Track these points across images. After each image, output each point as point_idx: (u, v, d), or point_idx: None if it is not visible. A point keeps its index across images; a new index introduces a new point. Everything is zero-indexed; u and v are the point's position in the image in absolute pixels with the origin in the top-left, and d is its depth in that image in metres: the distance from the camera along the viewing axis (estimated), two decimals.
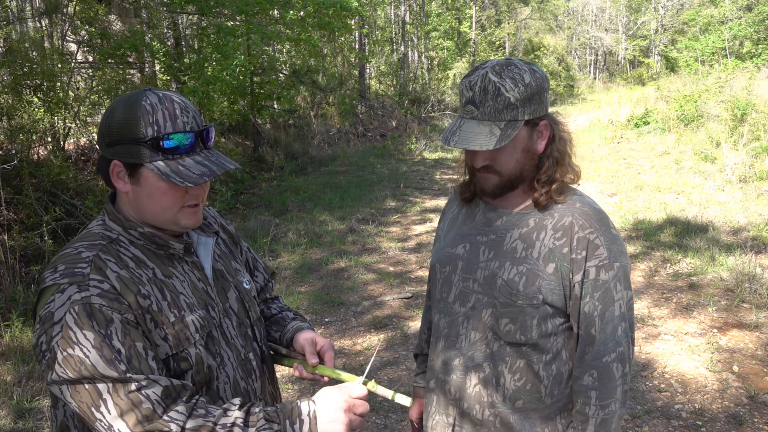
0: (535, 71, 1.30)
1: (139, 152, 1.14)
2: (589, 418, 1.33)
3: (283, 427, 1.10)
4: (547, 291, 1.32)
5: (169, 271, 1.22)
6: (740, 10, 24.40)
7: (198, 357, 1.18)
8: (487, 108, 1.27)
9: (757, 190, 7.86)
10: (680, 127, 12.56)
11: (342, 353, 4.16)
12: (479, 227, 1.44)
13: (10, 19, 8.34)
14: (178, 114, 1.15)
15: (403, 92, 19.01)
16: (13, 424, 3.30)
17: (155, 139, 1.13)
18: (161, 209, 1.19)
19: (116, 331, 1.07)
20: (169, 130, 1.14)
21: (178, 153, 1.16)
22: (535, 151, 1.35)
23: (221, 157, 1.22)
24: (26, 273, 5.17)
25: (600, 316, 1.31)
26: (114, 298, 1.09)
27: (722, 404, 3.38)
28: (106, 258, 1.14)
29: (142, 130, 1.13)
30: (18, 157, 6.33)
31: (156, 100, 1.15)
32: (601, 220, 1.34)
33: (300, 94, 14.53)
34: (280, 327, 1.49)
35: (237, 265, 1.42)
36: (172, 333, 1.15)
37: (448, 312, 1.45)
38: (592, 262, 1.30)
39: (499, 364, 1.37)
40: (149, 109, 1.13)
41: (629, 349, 1.34)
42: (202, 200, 1.24)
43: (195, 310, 1.21)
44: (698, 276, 5.24)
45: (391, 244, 6.63)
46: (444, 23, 24.21)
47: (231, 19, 9.38)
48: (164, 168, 1.14)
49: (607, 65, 44.39)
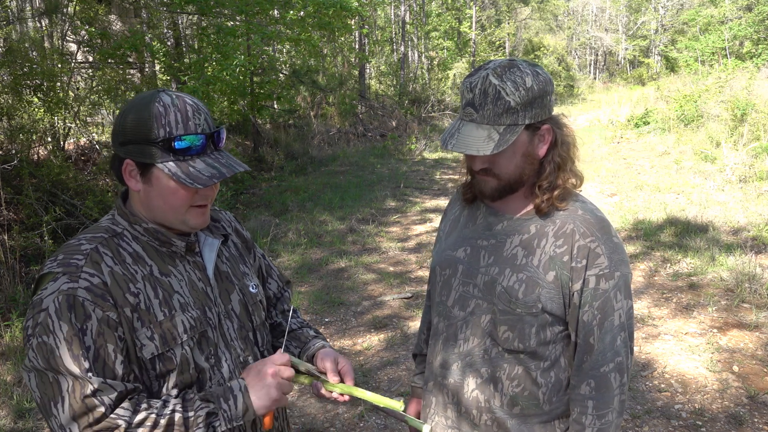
0: (538, 74, 1.26)
1: (151, 152, 1.16)
2: (586, 427, 1.32)
3: (218, 404, 1.16)
4: (546, 299, 1.30)
5: (168, 270, 1.23)
6: (740, 10, 24.40)
7: (183, 358, 1.19)
8: (487, 111, 1.24)
9: (757, 190, 7.86)
10: (680, 127, 12.56)
11: (342, 353, 4.16)
12: (480, 231, 1.42)
13: (10, 19, 8.34)
14: (190, 116, 1.17)
15: (403, 92, 19.01)
16: (13, 424, 3.30)
17: (167, 140, 1.15)
18: (170, 208, 1.21)
19: (92, 328, 1.10)
20: (180, 131, 1.16)
21: (188, 154, 1.18)
22: (536, 155, 1.31)
23: (231, 159, 1.23)
24: (26, 273, 5.17)
25: (599, 325, 1.29)
26: (100, 294, 1.12)
27: (722, 404, 3.38)
28: (104, 251, 1.17)
29: (154, 131, 1.15)
30: (18, 157, 6.33)
31: (169, 101, 1.17)
32: (602, 228, 1.32)
33: (300, 94, 14.54)
34: (300, 343, 1.48)
35: (246, 269, 1.42)
36: (159, 332, 1.17)
37: (447, 315, 1.44)
38: (592, 271, 1.28)
39: (497, 370, 1.36)
40: (162, 111, 1.15)
41: (628, 360, 1.32)
42: (210, 201, 1.26)
43: (188, 310, 1.22)
44: (698, 276, 5.24)
45: (391, 244, 6.63)
46: (444, 23, 24.20)
47: (231, 19, 9.38)
48: (175, 169, 1.16)
49: (607, 65, 44.39)
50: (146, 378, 1.18)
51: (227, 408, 1.17)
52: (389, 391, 3.64)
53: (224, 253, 1.38)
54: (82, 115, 7.92)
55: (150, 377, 1.18)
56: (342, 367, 1.37)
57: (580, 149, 1.42)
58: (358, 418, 3.38)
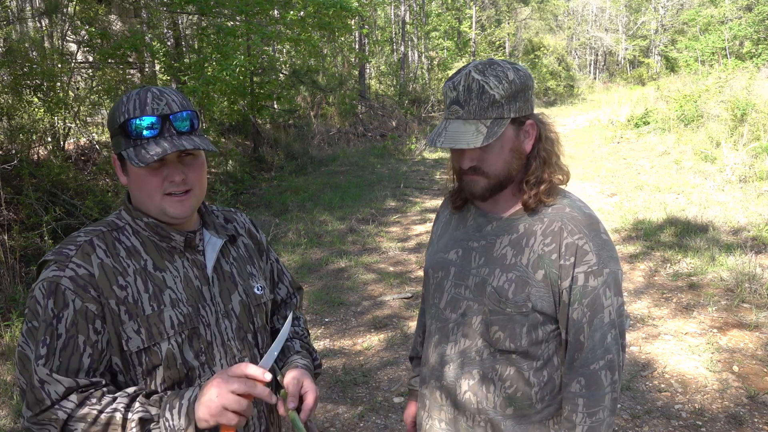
0: (518, 69, 1.29)
1: (119, 142, 1.19)
2: (576, 425, 1.31)
3: (162, 411, 1.11)
4: (536, 298, 1.30)
5: (164, 265, 1.24)
6: (740, 10, 24.40)
7: (169, 353, 1.19)
8: (472, 106, 1.26)
9: (757, 190, 7.86)
10: (680, 127, 12.56)
11: (342, 353, 4.17)
12: (471, 232, 1.43)
13: (10, 19, 8.34)
14: (148, 101, 1.17)
15: (403, 92, 19.01)
16: (13, 424, 3.30)
17: (123, 125, 1.17)
18: (146, 196, 1.21)
19: (67, 316, 1.11)
20: (136, 115, 1.16)
21: (143, 137, 1.16)
22: (523, 150, 1.33)
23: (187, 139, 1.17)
24: (26, 273, 5.17)
25: (588, 322, 1.29)
26: (83, 285, 1.13)
27: (722, 404, 3.38)
28: (98, 244, 1.19)
29: (117, 118, 1.18)
30: (18, 157, 6.33)
31: (135, 92, 1.18)
32: (590, 225, 1.32)
33: (300, 94, 14.53)
34: (282, 356, 1.44)
35: (253, 270, 1.42)
36: (146, 326, 1.17)
37: (440, 318, 1.45)
38: (580, 268, 1.28)
39: (490, 371, 1.36)
40: (124, 100, 1.18)
41: (619, 357, 1.31)
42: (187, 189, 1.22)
43: (178, 306, 1.22)
44: (698, 276, 5.24)
45: (391, 244, 6.63)
46: (444, 23, 24.20)
47: (231, 19, 9.39)
48: (132, 153, 1.16)
49: (607, 65, 44.39)
50: (132, 374, 1.18)
51: (169, 417, 1.10)
52: (389, 391, 3.64)
53: (231, 253, 1.38)
54: (82, 115, 7.92)
55: (137, 373, 1.18)
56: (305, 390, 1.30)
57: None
58: (358, 418, 3.38)
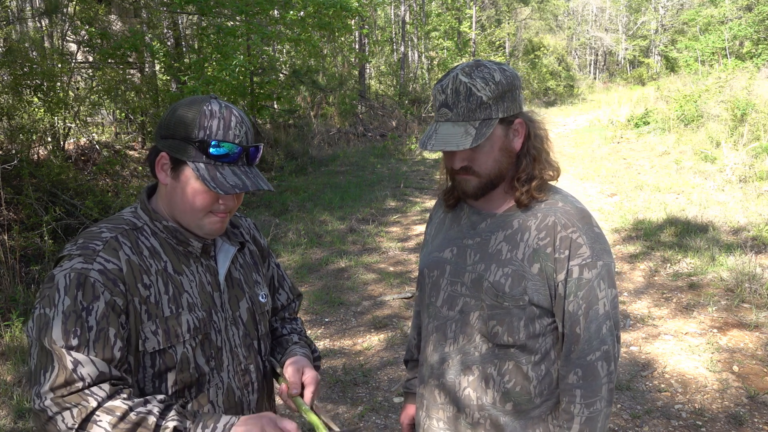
0: (505, 70, 1.31)
1: (186, 150, 1.20)
2: (574, 416, 1.33)
3: (195, 427, 1.10)
4: (532, 291, 1.32)
5: (182, 269, 1.26)
6: (740, 10, 24.37)
7: (184, 356, 1.20)
8: (461, 109, 1.28)
9: (757, 190, 7.86)
10: (680, 127, 12.57)
11: (342, 353, 4.17)
12: (465, 230, 1.45)
13: (10, 19, 8.34)
14: (232, 126, 1.21)
15: (403, 92, 19.01)
16: (13, 424, 3.30)
17: (204, 142, 1.19)
18: (190, 209, 1.24)
19: (97, 309, 1.11)
20: (219, 137, 1.20)
21: (220, 161, 1.21)
22: (513, 149, 1.36)
23: (259, 177, 1.26)
24: (26, 273, 5.17)
25: (584, 314, 1.32)
26: (112, 279, 1.14)
27: (722, 404, 3.38)
28: (123, 241, 1.21)
29: (195, 131, 1.19)
30: (18, 157, 6.33)
31: (217, 108, 1.21)
32: (583, 218, 1.35)
33: (300, 94, 14.53)
34: (282, 349, 1.47)
35: (258, 277, 1.43)
36: (164, 328, 1.18)
37: (437, 316, 1.46)
38: (575, 261, 1.31)
39: (488, 366, 1.38)
40: (207, 114, 1.20)
41: (615, 348, 1.34)
42: (230, 212, 1.28)
43: (195, 310, 1.24)
44: (698, 276, 5.24)
45: (391, 244, 6.63)
46: (444, 23, 24.18)
47: (231, 19, 9.38)
48: (203, 170, 1.20)
49: (607, 65, 44.39)
50: (141, 376, 1.18)
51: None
52: (389, 391, 3.64)
53: (239, 260, 1.40)
54: (82, 115, 7.92)
55: (147, 376, 1.18)
56: (306, 378, 1.33)
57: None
58: (358, 418, 3.38)
